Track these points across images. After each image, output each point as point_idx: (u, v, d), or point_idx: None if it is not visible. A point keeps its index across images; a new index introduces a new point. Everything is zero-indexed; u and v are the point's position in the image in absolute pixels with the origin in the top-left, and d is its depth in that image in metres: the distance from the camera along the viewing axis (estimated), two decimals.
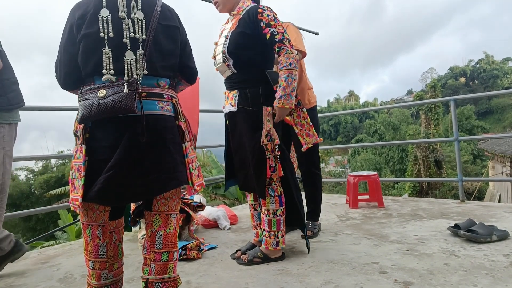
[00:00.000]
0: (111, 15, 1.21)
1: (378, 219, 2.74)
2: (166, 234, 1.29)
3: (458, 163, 3.59)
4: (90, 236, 1.26)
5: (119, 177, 1.15)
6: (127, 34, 1.22)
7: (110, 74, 1.19)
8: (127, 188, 1.18)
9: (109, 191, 1.15)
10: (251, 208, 2.09)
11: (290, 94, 1.74)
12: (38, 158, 5.43)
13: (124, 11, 1.23)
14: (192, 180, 1.32)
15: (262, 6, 1.80)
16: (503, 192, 12.74)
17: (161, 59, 1.29)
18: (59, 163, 17.81)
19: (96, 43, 1.20)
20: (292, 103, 1.77)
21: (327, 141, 53.42)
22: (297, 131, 1.83)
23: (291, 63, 1.73)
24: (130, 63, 1.22)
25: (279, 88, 1.75)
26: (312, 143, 1.84)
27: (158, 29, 1.28)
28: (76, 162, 1.23)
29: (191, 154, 1.37)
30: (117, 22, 1.22)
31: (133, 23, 1.24)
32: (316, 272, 1.69)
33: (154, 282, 1.26)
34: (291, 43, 1.77)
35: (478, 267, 1.65)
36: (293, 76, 1.74)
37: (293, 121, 1.84)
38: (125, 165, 1.16)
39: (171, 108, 1.31)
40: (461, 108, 35.39)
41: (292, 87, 1.74)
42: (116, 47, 1.21)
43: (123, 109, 1.14)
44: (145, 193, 1.23)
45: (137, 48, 1.23)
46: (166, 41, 1.32)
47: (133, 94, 1.15)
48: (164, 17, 1.32)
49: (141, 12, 1.26)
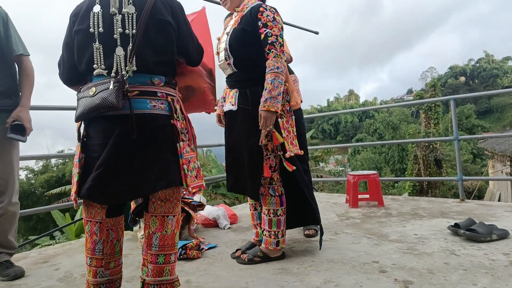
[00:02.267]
0: (102, 11, 1.22)
1: (378, 218, 2.74)
2: (163, 236, 1.26)
3: (458, 162, 3.59)
4: (89, 232, 1.27)
5: (107, 176, 1.16)
6: (117, 29, 1.21)
7: (101, 68, 1.19)
8: (115, 186, 1.17)
9: (97, 189, 1.16)
10: (251, 207, 2.08)
11: (276, 98, 1.68)
12: (38, 157, 5.44)
13: (116, 6, 1.22)
14: (186, 181, 1.26)
15: (265, 6, 1.79)
16: (503, 191, 12.74)
17: (153, 54, 1.25)
18: (59, 163, 17.79)
19: (87, 39, 1.21)
20: (278, 107, 1.70)
21: (327, 140, 53.41)
22: (284, 135, 1.80)
23: (278, 67, 1.71)
24: (119, 59, 1.20)
25: (264, 91, 1.70)
26: (294, 152, 1.82)
27: (149, 23, 1.24)
28: (75, 159, 1.26)
29: (188, 154, 1.32)
30: (108, 17, 1.22)
31: (123, 18, 1.22)
32: (316, 271, 1.70)
33: (150, 284, 1.25)
34: (282, 48, 1.74)
35: (478, 266, 1.65)
36: (280, 80, 1.70)
37: (282, 125, 1.81)
38: (112, 164, 1.16)
39: (165, 106, 1.27)
40: (461, 107, 35.34)
41: (278, 91, 1.69)
42: (107, 43, 1.21)
43: (107, 107, 1.13)
44: (133, 192, 1.22)
45: (127, 44, 1.21)
46: (158, 36, 1.27)
47: (119, 90, 1.14)
48: (157, 11, 1.26)
49: (133, 6, 1.23)
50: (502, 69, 57.59)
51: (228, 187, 2.00)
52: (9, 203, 1.87)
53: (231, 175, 1.96)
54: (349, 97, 75.25)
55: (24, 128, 1.86)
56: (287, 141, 1.79)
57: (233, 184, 1.95)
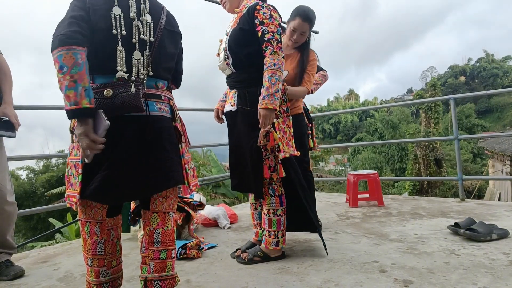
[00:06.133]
0: (123, 14, 1.23)
1: (378, 217, 2.74)
2: (164, 232, 1.30)
3: (458, 162, 3.59)
4: (88, 233, 1.27)
5: (117, 176, 1.17)
6: (137, 34, 1.25)
7: (123, 71, 1.21)
8: (124, 187, 1.19)
9: (106, 190, 1.16)
10: (252, 207, 2.09)
11: (274, 95, 1.68)
12: (38, 157, 5.44)
13: (134, 12, 1.26)
14: (188, 180, 1.35)
15: (261, 4, 1.77)
16: (503, 191, 12.74)
17: (163, 61, 1.33)
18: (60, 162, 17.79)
19: (105, 39, 1.20)
20: (277, 104, 1.70)
21: (327, 140, 53.39)
22: (279, 136, 1.79)
23: (275, 63, 1.69)
24: (138, 63, 1.24)
25: (262, 89, 1.70)
26: (289, 153, 1.81)
27: (164, 33, 1.33)
28: (72, 159, 1.24)
29: (187, 155, 1.40)
30: (128, 21, 1.24)
31: (142, 25, 1.27)
32: (316, 271, 1.70)
33: (153, 280, 1.26)
34: (279, 45, 1.72)
35: (478, 266, 1.65)
36: (277, 77, 1.69)
37: (278, 126, 1.81)
38: (123, 164, 1.18)
39: (168, 109, 1.34)
40: (461, 107, 35.32)
41: (276, 88, 1.68)
42: (126, 46, 1.23)
43: (133, 108, 1.17)
44: (141, 192, 1.26)
45: (144, 49, 1.26)
46: (170, 45, 1.37)
47: (139, 93, 1.18)
48: (169, 23, 1.37)
49: (149, 15, 1.29)
50: (502, 68, 57.53)
51: (233, 187, 2.01)
52: (5, 203, 1.87)
53: (235, 175, 1.96)
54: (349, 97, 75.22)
55: (12, 124, 1.85)
56: (282, 142, 1.78)
57: (238, 184, 1.95)
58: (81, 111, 1.09)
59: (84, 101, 1.09)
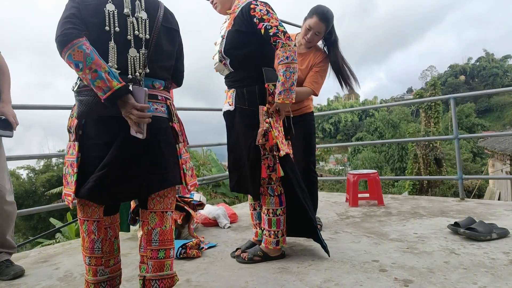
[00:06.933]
0: (117, 10, 1.21)
1: (378, 217, 2.74)
2: (162, 231, 1.30)
3: (458, 161, 3.59)
4: (86, 231, 1.27)
5: (112, 176, 1.16)
6: (131, 31, 1.23)
7: (115, 68, 1.19)
8: (119, 187, 1.19)
9: (100, 189, 1.16)
10: (251, 207, 2.08)
11: (290, 89, 1.70)
12: (37, 157, 5.44)
13: (129, 8, 1.24)
14: (186, 180, 1.34)
15: (254, 2, 1.75)
16: (503, 190, 12.75)
17: (160, 60, 1.31)
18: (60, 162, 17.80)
19: (97, 35, 1.19)
20: (293, 98, 1.73)
21: (327, 139, 53.38)
22: (276, 134, 1.79)
23: (288, 56, 1.68)
24: (133, 60, 1.22)
25: (278, 83, 1.73)
26: (285, 151, 1.81)
27: (161, 30, 1.30)
28: (69, 158, 1.24)
29: (185, 155, 1.39)
30: (122, 18, 1.22)
31: (137, 22, 1.25)
32: (316, 271, 1.70)
33: (152, 279, 1.26)
34: (287, 35, 1.71)
35: (478, 265, 1.65)
36: (291, 70, 1.69)
37: (273, 125, 1.80)
38: (118, 164, 1.17)
39: (165, 109, 1.32)
40: (461, 106, 35.29)
41: (291, 81, 1.70)
42: (120, 43, 1.21)
43: None
44: (136, 193, 1.26)
45: (140, 47, 1.24)
46: (167, 43, 1.34)
47: None
48: (166, 20, 1.34)
49: (145, 12, 1.27)
50: (502, 68, 57.50)
51: (231, 187, 2.00)
52: (5, 203, 1.86)
53: (233, 175, 1.96)
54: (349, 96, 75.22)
55: (10, 124, 1.85)
56: (279, 140, 1.78)
57: (236, 184, 1.95)
58: (117, 93, 1.11)
59: (114, 83, 1.11)
